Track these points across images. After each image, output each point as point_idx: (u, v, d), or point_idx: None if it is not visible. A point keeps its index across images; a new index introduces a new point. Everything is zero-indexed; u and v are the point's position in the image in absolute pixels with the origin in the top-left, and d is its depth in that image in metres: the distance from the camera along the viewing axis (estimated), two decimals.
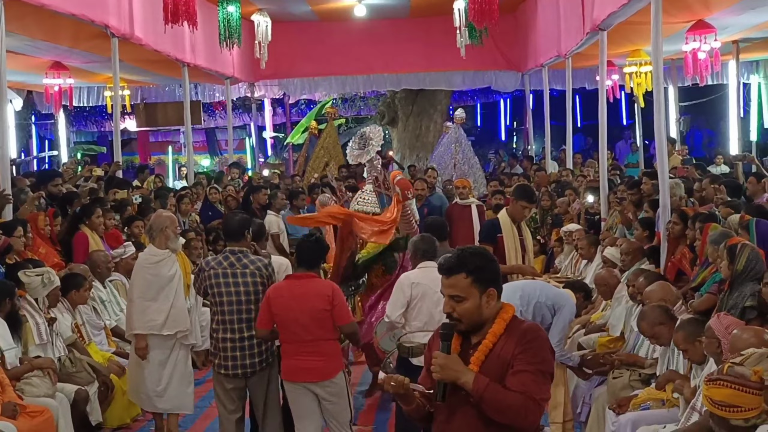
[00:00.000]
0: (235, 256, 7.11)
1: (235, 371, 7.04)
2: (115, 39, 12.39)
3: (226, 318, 7.05)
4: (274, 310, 6.71)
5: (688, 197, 10.71)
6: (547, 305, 7.65)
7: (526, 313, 7.57)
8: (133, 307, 7.87)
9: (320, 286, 6.83)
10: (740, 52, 16.61)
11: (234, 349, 7.03)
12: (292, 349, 6.73)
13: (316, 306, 6.68)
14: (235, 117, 24.84)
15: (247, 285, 7.04)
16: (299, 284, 6.75)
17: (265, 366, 7.12)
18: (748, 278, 6.59)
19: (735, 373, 4.65)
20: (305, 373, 6.71)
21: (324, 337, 6.71)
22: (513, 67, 20.77)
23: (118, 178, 13.32)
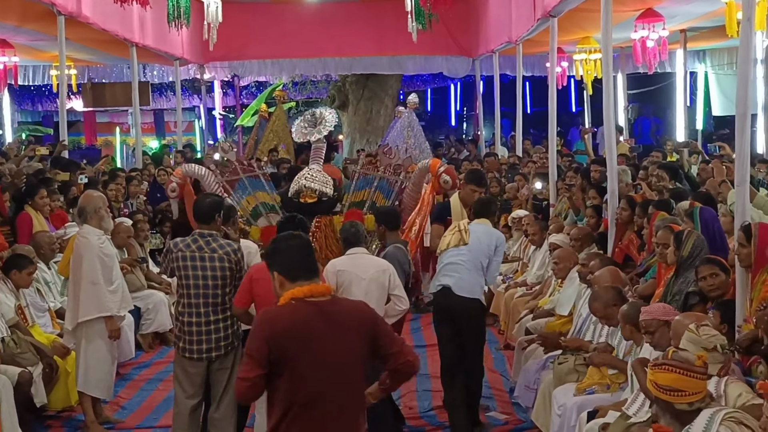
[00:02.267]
0: (204, 240, 6.92)
1: (200, 355, 6.90)
2: (62, 17, 12.19)
3: (192, 301, 6.88)
4: (256, 291, 6.61)
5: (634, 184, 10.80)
6: (489, 256, 8.06)
7: (480, 281, 8.05)
8: (98, 289, 7.71)
9: None
10: (687, 41, 16.81)
11: (200, 333, 6.88)
12: None
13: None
14: (184, 99, 24.63)
15: (215, 269, 6.85)
16: None
17: (230, 350, 6.97)
18: (693, 264, 6.67)
19: (679, 358, 4.72)
20: None
21: None
22: (464, 52, 20.82)
23: (65, 159, 13.15)
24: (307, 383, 4.20)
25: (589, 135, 14.75)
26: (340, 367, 4.27)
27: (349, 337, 4.30)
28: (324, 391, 4.22)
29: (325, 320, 4.26)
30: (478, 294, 8.05)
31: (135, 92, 16.47)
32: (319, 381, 4.21)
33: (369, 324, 4.39)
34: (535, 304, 9.75)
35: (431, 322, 8.97)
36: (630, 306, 6.49)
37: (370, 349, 4.37)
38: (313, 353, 4.21)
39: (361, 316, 4.41)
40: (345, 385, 4.30)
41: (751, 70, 6.79)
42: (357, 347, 4.32)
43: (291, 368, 4.19)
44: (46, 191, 10.31)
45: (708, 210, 7.51)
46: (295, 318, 4.25)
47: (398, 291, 7.26)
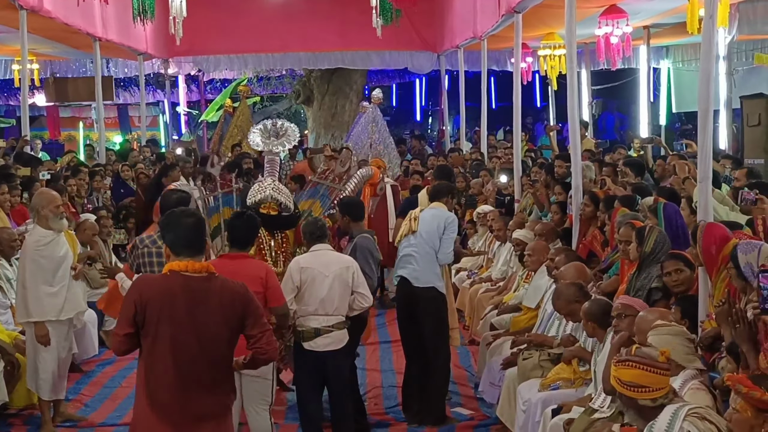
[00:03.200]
0: None
1: None
2: (24, 11, 12.07)
3: None
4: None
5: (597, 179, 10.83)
6: (438, 236, 8.20)
7: (435, 269, 8.23)
8: (28, 293, 7.57)
9: (253, 268, 6.61)
10: (651, 37, 16.90)
11: None
12: None
13: (249, 287, 6.56)
14: (148, 93, 24.47)
15: None
16: (232, 264, 6.42)
17: None
18: (655, 260, 6.72)
19: (643, 354, 4.75)
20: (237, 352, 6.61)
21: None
22: (429, 47, 20.85)
23: (27, 154, 13.03)
24: (166, 347, 4.65)
25: (554, 132, 14.81)
26: (202, 338, 4.69)
27: (215, 311, 4.72)
28: (183, 357, 4.66)
29: (193, 294, 4.70)
30: (434, 282, 8.16)
31: (98, 87, 16.34)
32: (179, 347, 4.66)
33: (239, 304, 4.80)
34: (499, 300, 9.78)
35: (395, 318, 9.02)
36: (592, 303, 6.52)
37: (237, 326, 4.81)
38: (174, 321, 4.65)
39: (233, 295, 4.82)
40: (206, 355, 4.71)
41: (713, 66, 6.84)
42: (222, 321, 4.74)
43: (153, 332, 4.66)
44: (8, 187, 10.19)
45: (671, 206, 7.55)
46: (164, 288, 4.71)
47: (362, 288, 7.24)
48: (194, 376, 4.70)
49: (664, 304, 6.40)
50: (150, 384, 4.71)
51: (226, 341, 4.80)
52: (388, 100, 29.30)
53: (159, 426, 4.70)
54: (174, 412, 4.69)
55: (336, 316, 7.10)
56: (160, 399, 4.69)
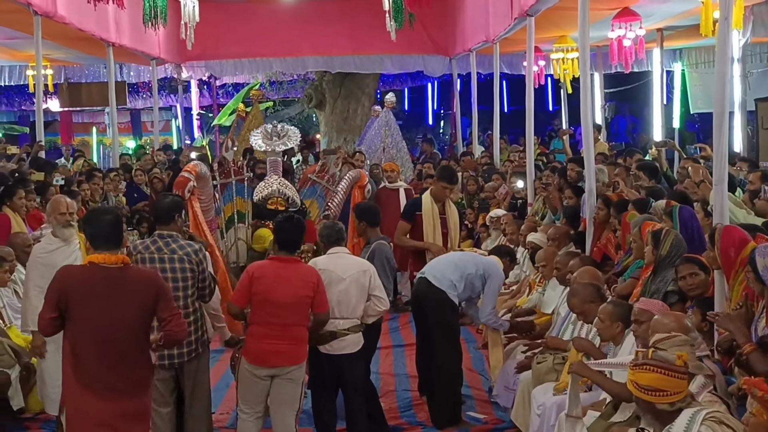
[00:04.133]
0: (164, 241, 6.70)
1: (162, 362, 6.59)
2: (38, 17, 12.13)
3: None
4: (255, 289, 6.58)
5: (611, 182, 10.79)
6: (479, 275, 8.09)
7: (459, 285, 8.00)
8: (28, 302, 7.50)
9: (306, 272, 6.74)
10: (664, 39, 16.86)
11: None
12: (263, 332, 6.59)
13: (300, 292, 6.60)
14: (160, 98, 24.53)
15: (175, 271, 6.60)
16: (284, 267, 6.66)
17: (194, 356, 6.74)
18: (671, 263, 6.70)
19: (660, 358, 4.73)
20: (275, 356, 6.59)
21: (299, 323, 6.65)
22: (441, 51, 20.81)
23: (41, 159, 13.07)
24: (84, 329, 5.34)
25: (567, 135, 14.78)
26: (118, 320, 5.35)
27: (129, 298, 5.39)
28: (102, 337, 5.32)
29: (109, 283, 5.37)
30: (445, 286, 8.03)
31: (111, 92, 16.35)
32: (98, 328, 5.32)
33: (151, 290, 5.47)
34: (513, 303, 9.77)
35: (409, 321, 9.02)
36: (618, 306, 6.47)
37: (150, 310, 5.46)
38: (92, 307, 5.33)
39: (147, 283, 5.53)
40: (122, 335, 5.37)
41: (728, 69, 6.82)
42: (137, 306, 5.41)
43: (74, 316, 5.35)
44: (24, 191, 10.23)
45: (686, 209, 7.53)
46: (83, 277, 5.43)
47: (378, 292, 7.24)
48: (112, 354, 5.35)
49: (681, 307, 6.38)
50: (74, 360, 5.40)
51: (140, 322, 5.47)
52: (400, 104, 29.30)
53: (84, 395, 5.38)
54: (96, 383, 5.35)
55: (352, 319, 7.12)
56: (84, 373, 5.37)
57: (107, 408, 5.37)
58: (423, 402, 8.51)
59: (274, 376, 6.64)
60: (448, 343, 8.12)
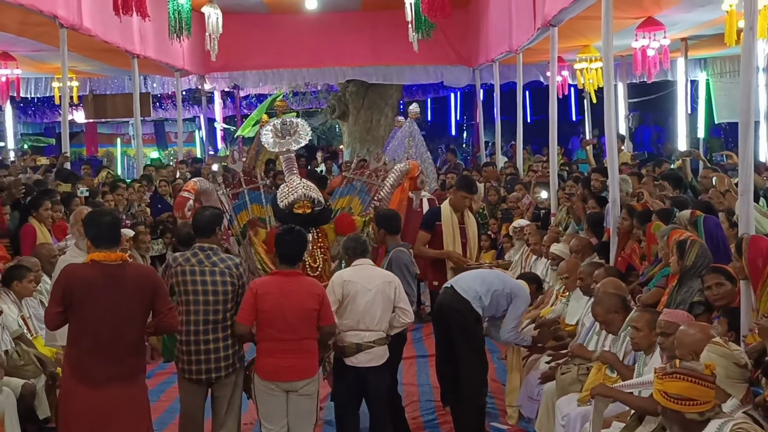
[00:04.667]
0: (205, 253, 6.66)
1: (199, 376, 6.61)
2: (64, 29, 12.24)
3: (191, 318, 6.58)
4: (261, 307, 6.47)
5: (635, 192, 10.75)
6: (505, 293, 8.03)
7: (485, 299, 7.93)
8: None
9: (310, 285, 6.67)
10: (688, 49, 16.82)
11: (198, 353, 6.59)
12: (274, 348, 6.52)
13: (307, 305, 6.51)
14: (184, 109, 24.66)
15: (216, 284, 6.57)
16: (288, 281, 6.57)
17: (231, 371, 6.69)
18: (697, 274, 6.65)
19: (688, 367, 4.69)
20: (287, 371, 6.50)
21: (308, 336, 6.56)
22: (464, 62, 20.82)
23: (66, 170, 13.15)
24: (87, 323, 5.67)
25: (590, 146, 14.75)
26: (118, 314, 5.69)
27: (128, 293, 5.74)
28: (101, 330, 5.66)
29: (109, 279, 5.70)
30: (471, 297, 7.96)
31: (136, 103, 16.45)
32: (98, 323, 5.65)
33: (149, 286, 5.84)
34: (537, 314, 9.71)
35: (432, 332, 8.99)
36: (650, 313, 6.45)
37: (148, 304, 5.82)
38: (94, 302, 5.66)
39: (144, 279, 5.88)
40: (121, 328, 5.71)
41: (754, 78, 6.79)
42: (135, 301, 5.77)
43: (77, 310, 5.67)
44: (50, 202, 10.30)
45: (711, 218, 7.49)
46: (86, 274, 5.73)
47: (403, 304, 7.20)
48: (111, 346, 5.69)
49: (707, 318, 6.33)
50: (73, 353, 5.79)
51: (138, 314, 5.82)
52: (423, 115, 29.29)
53: (79, 387, 5.69)
54: (92, 375, 5.66)
55: (377, 331, 7.09)
56: (81, 366, 5.71)
57: (102, 396, 5.68)
58: (446, 413, 8.48)
59: (288, 391, 6.57)
60: (473, 353, 8.04)
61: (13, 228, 10.13)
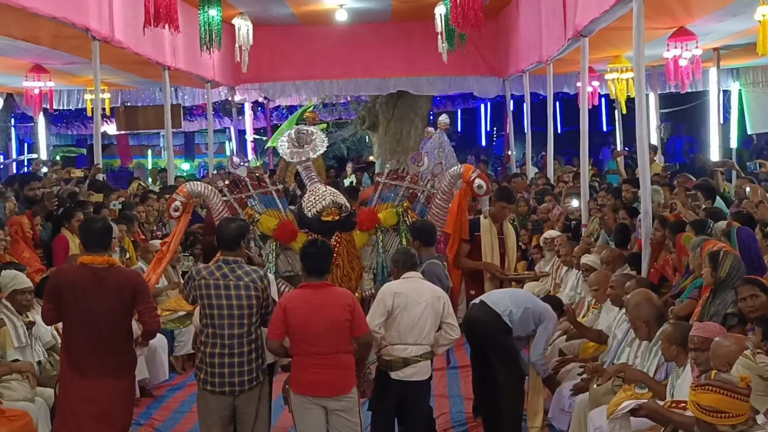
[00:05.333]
0: (229, 267, 6.62)
1: (222, 389, 6.55)
2: (96, 42, 12.34)
3: (216, 332, 6.55)
4: (290, 321, 6.42)
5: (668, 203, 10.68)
6: (534, 313, 8.01)
7: (516, 314, 7.93)
8: None
9: (340, 296, 6.58)
10: (721, 59, 16.69)
11: (222, 366, 6.54)
12: (307, 362, 6.47)
13: (337, 316, 6.43)
14: (214, 120, 24.77)
15: (241, 298, 6.53)
16: (317, 293, 6.52)
17: (255, 385, 6.63)
18: (731, 285, 6.59)
19: (723, 379, 4.65)
20: (321, 386, 6.44)
21: (342, 350, 6.48)
22: (494, 72, 20.78)
23: (100, 182, 13.24)
24: (75, 319, 6.32)
25: (621, 157, 14.66)
26: (103, 312, 6.30)
27: (112, 293, 6.32)
28: (89, 327, 6.28)
29: (95, 281, 6.29)
30: (501, 310, 7.97)
31: (167, 115, 16.54)
32: (87, 319, 6.29)
33: (130, 287, 6.43)
34: (568, 326, 9.67)
35: (464, 342, 8.96)
36: (676, 328, 6.39)
37: (130, 303, 6.42)
38: (80, 301, 6.28)
39: (126, 280, 6.47)
40: (106, 324, 6.32)
41: None
42: (118, 301, 6.36)
43: (65, 308, 6.33)
44: (82, 214, 10.37)
45: (745, 230, 7.43)
46: (73, 276, 6.40)
47: (451, 319, 7.13)
48: (98, 341, 6.30)
49: (741, 329, 6.27)
50: (68, 347, 6.45)
51: (121, 313, 6.41)
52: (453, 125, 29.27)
53: (73, 377, 6.33)
54: (84, 367, 6.29)
55: (424, 345, 7.02)
56: (75, 358, 6.35)
57: (92, 386, 6.31)
58: (477, 424, 8.45)
59: (326, 407, 6.48)
60: (506, 364, 8.03)
61: (46, 239, 10.21)
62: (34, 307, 8.47)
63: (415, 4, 17.73)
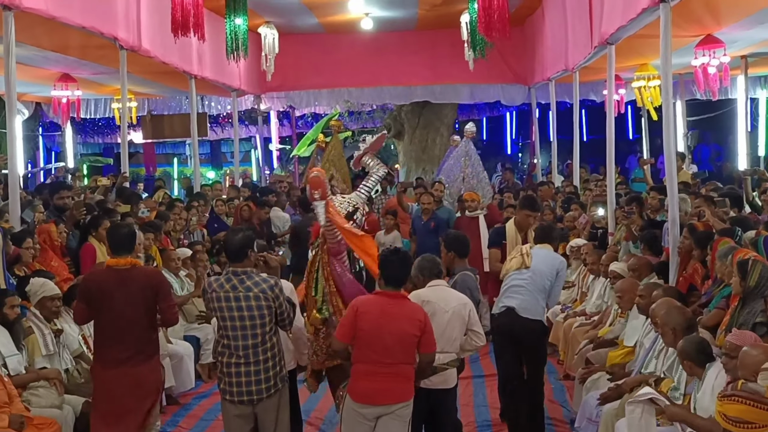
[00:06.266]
0: (238, 278, 6.66)
1: (241, 397, 6.65)
2: (124, 51, 12.43)
3: (231, 343, 6.63)
4: (360, 325, 6.40)
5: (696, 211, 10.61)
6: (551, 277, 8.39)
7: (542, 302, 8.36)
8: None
9: (413, 310, 6.54)
10: (749, 66, 16.59)
11: (239, 375, 6.63)
12: (369, 370, 6.42)
13: (407, 330, 6.40)
14: (240, 129, 24.86)
15: (251, 309, 6.59)
16: (391, 303, 6.48)
17: (273, 392, 6.71)
18: (759, 294, 6.54)
19: (749, 390, 4.62)
20: (381, 394, 6.40)
21: (405, 362, 6.44)
22: (520, 80, 20.74)
23: (127, 190, 13.30)
24: (103, 316, 6.82)
25: (648, 165, 14.58)
26: (128, 308, 6.75)
27: (136, 292, 6.79)
28: (115, 322, 6.75)
29: (120, 281, 6.76)
30: (540, 315, 8.25)
31: (193, 124, 16.63)
32: (112, 318, 6.76)
33: (152, 286, 6.89)
34: (594, 334, 9.63)
35: (489, 351, 8.95)
36: (686, 341, 6.34)
37: (152, 300, 6.86)
38: (108, 300, 6.76)
39: (148, 279, 6.96)
40: (131, 320, 6.77)
41: None
42: (141, 299, 6.81)
43: (98, 306, 6.83)
44: (109, 222, 10.41)
45: None
46: (101, 278, 6.93)
47: (476, 327, 7.14)
48: (123, 334, 6.76)
49: None
50: (97, 341, 6.97)
51: (144, 309, 6.84)
52: (478, 134, 29.30)
53: (102, 369, 6.85)
54: (110, 358, 6.77)
55: (451, 353, 7.03)
56: (103, 350, 6.86)
57: (117, 374, 6.74)
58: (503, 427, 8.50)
59: (380, 416, 6.44)
60: (541, 370, 8.43)
61: (74, 247, 10.28)
62: (62, 315, 8.54)
63: (441, 12, 17.73)
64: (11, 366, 7.51)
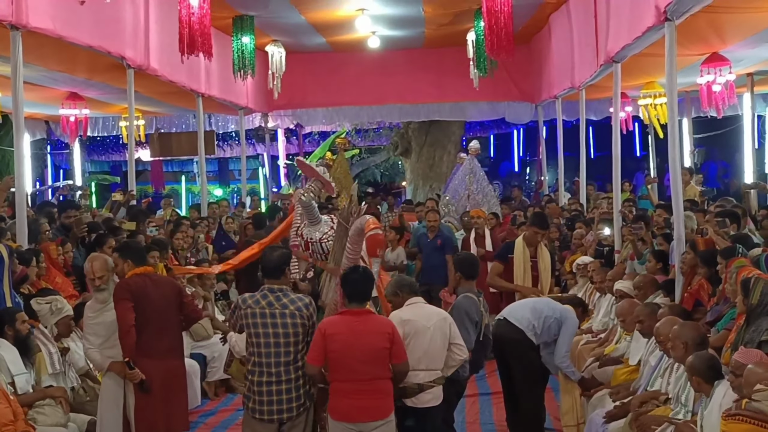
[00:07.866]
0: (274, 295, 6.71)
1: (271, 416, 6.63)
2: (131, 70, 12.48)
3: (263, 360, 6.64)
4: (331, 347, 6.44)
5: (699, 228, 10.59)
6: (555, 319, 8.34)
7: (538, 327, 8.28)
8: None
9: (380, 324, 6.61)
10: (755, 84, 16.60)
11: (270, 393, 6.62)
12: (347, 388, 6.47)
13: (377, 344, 6.45)
14: (248, 147, 24.91)
15: (287, 326, 6.62)
16: (358, 320, 6.52)
17: (302, 411, 6.72)
18: (764, 312, 6.53)
19: (754, 409, 4.61)
20: (360, 412, 6.44)
21: (381, 376, 6.50)
22: (526, 98, 20.77)
23: (135, 208, 13.33)
24: (142, 316, 7.24)
25: (654, 183, 14.57)
26: (161, 308, 7.40)
27: (167, 292, 7.53)
28: (152, 321, 7.30)
29: (153, 284, 7.45)
30: (525, 326, 8.26)
31: (201, 141, 16.67)
32: (149, 314, 7.28)
33: (174, 285, 7.80)
34: (600, 352, 9.62)
35: (495, 369, 8.97)
36: (695, 357, 6.33)
37: (179, 300, 7.61)
38: (146, 299, 7.30)
39: (167, 281, 7.96)
40: (163, 318, 7.41)
41: None
42: (172, 296, 7.55)
43: (137, 308, 7.24)
44: (114, 240, 10.44)
45: None
46: (138, 282, 7.37)
47: (458, 340, 7.17)
48: (159, 330, 7.36)
49: None
50: (138, 335, 7.21)
51: (174, 309, 7.54)
52: (485, 151, 29.35)
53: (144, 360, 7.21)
54: (149, 350, 7.23)
55: (436, 371, 7.04)
56: (142, 344, 7.20)
57: (159, 364, 7.28)
58: None
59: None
60: (528, 381, 8.37)
61: (79, 265, 10.30)
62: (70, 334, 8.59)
63: (448, 30, 17.79)
64: (19, 385, 7.53)
